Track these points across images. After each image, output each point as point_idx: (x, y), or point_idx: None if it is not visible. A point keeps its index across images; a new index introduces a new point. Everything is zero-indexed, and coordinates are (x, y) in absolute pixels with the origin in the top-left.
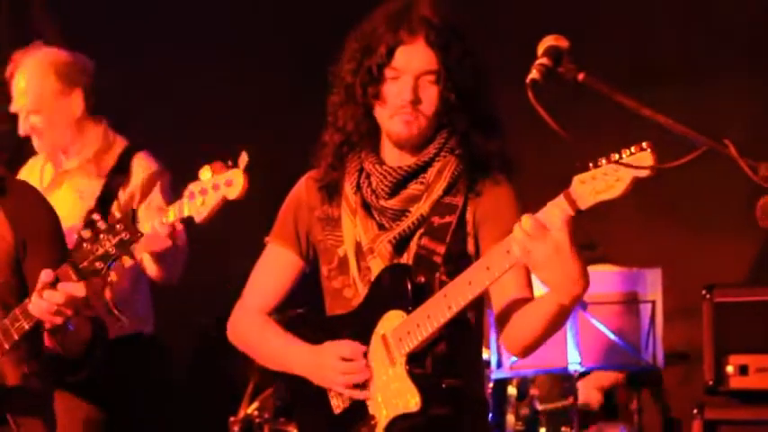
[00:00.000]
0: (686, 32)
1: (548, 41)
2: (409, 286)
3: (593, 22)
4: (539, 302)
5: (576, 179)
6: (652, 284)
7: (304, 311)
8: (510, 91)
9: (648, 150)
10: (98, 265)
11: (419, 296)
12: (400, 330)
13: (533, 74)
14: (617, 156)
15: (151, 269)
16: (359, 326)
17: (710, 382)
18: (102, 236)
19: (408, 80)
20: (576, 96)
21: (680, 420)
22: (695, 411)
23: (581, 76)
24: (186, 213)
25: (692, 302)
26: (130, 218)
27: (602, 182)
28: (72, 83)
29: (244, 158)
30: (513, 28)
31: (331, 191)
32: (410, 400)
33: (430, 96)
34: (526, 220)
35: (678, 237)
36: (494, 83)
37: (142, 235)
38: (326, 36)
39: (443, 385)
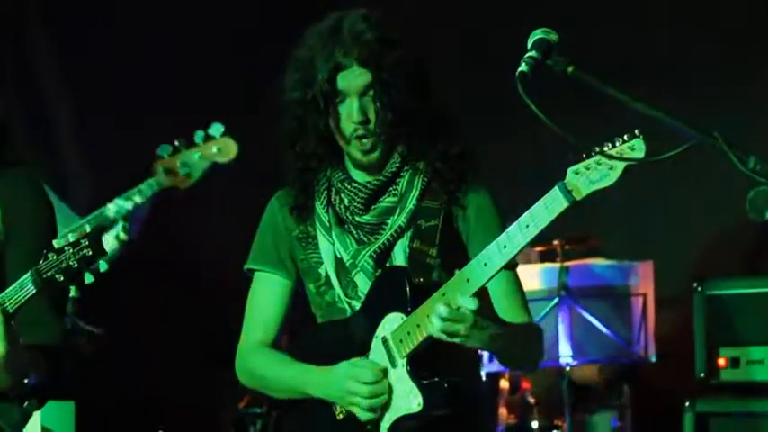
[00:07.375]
0: (677, 26)
1: (537, 34)
2: (408, 287)
3: (585, 16)
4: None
5: (571, 170)
6: (644, 277)
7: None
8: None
9: (641, 137)
10: (58, 277)
11: (418, 297)
12: (400, 332)
13: (522, 67)
14: (609, 145)
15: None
16: (358, 331)
17: (702, 375)
18: (67, 248)
19: (353, 101)
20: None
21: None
22: (687, 404)
23: (570, 69)
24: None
25: (683, 295)
26: (96, 235)
27: (596, 171)
28: None
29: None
30: (503, 24)
31: (303, 211)
32: (412, 401)
33: (374, 114)
34: (438, 321)
35: (669, 230)
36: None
37: (105, 253)
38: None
39: (445, 385)
